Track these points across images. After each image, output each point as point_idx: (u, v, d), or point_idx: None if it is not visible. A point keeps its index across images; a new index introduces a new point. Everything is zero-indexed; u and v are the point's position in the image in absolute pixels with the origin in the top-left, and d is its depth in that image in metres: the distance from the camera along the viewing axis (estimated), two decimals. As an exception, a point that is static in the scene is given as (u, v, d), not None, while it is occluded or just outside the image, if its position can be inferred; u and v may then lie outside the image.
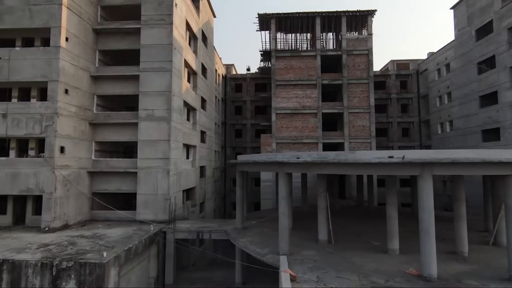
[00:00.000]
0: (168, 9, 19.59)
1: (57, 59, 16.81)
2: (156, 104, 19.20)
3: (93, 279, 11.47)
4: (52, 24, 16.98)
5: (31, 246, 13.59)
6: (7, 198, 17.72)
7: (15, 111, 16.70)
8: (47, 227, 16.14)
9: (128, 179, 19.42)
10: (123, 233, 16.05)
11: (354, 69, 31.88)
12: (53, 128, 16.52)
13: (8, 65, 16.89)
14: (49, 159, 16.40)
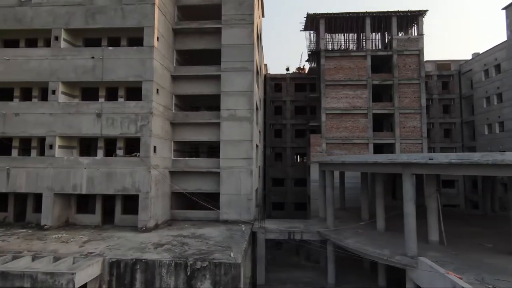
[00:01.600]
0: (249, 9, 19.58)
1: (151, 58, 16.82)
2: (238, 104, 19.19)
3: (228, 279, 11.45)
4: (145, 23, 16.98)
5: (146, 245, 13.58)
6: (95, 197, 17.74)
7: (109, 110, 16.72)
8: (144, 227, 16.14)
9: (208, 179, 19.41)
10: (220, 233, 16.03)
11: (404, 70, 31.72)
12: (148, 128, 16.53)
13: (101, 64, 16.91)
14: (145, 158, 16.41)
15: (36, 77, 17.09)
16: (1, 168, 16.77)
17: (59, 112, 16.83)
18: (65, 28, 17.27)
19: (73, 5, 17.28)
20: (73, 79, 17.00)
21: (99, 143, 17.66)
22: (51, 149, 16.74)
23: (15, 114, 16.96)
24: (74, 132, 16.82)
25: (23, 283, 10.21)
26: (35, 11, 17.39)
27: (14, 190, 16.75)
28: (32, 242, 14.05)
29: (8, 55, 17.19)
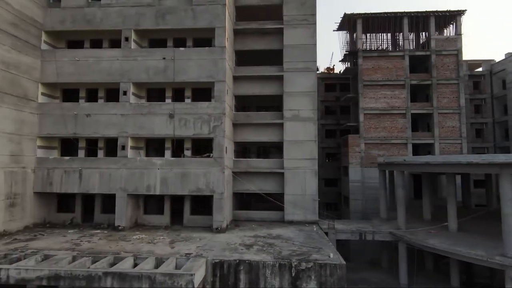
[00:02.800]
0: (311, 9, 19.58)
1: (223, 59, 16.83)
2: (302, 104, 19.19)
3: (334, 280, 11.45)
4: (217, 24, 16.99)
5: (235, 246, 13.58)
6: (163, 198, 17.75)
7: (181, 111, 16.73)
8: (219, 227, 16.15)
9: (270, 179, 19.40)
10: (295, 234, 16.02)
11: (443, 70, 31.66)
12: (221, 129, 16.53)
13: (172, 65, 16.92)
14: (218, 159, 16.41)
15: (107, 78, 17.10)
16: (73, 169, 16.79)
17: (131, 113, 16.84)
18: (135, 29, 17.27)
19: (142, 5, 17.30)
20: (144, 80, 17.01)
21: (167, 143, 17.68)
22: (123, 149, 16.76)
23: (87, 115, 16.98)
24: (147, 133, 16.83)
25: (141, 284, 10.22)
26: (104, 12, 17.41)
27: (87, 191, 16.78)
28: (118, 243, 14.06)
29: (78, 56, 17.21)
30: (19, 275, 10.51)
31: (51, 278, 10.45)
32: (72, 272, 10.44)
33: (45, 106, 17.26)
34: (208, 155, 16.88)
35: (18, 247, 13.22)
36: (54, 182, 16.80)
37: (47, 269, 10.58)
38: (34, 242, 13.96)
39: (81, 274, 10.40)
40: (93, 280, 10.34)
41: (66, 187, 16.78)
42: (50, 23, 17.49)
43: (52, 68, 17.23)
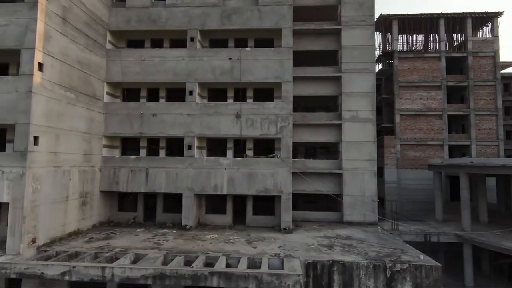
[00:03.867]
0: (370, 10, 19.57)
1: (289, 59, 16.88)
2: (360, 105, 19.17)
3: (430, 281, 11.45)
4: (283, 25, 17.03)
5: (315, 247, 13.60)
6: (225, 198, 17.79)
7: (248, 111, 16.76)
8: (287, 227, 16.18)
9: (326, 180, 19.38)
10: (364, 235, 16.00)
11: (479, 71, 31.59)
12: (289, 129, 16.57)
13: (238, 65, 16.95)
14: (286, 159, 16.43)
15: (173, 78, 17.16)
16: (140, 168, 16.86)
17: (197, 112, 16.89)
18: (201, 29, 17.33)
19: (208, 6, 17.35)
20: (211, 80, 17.05)
21: (229, 143, 17.72)
22: (190, 149, 16.81)
23: (153, 115, 17.04)
24: (213, 132, 16.88)
25: (248, 284, 10.26)
26: (169, 12, 17.47)
27: (153, 190, 16.83)
28: (196, 242, 14.11)
29: (144, 56, 17.28)
30: (123, 274, 10.57)
31: (157, 277, 10.51)
32: (177, 271, 10.49)
33: (111, 105, 17.34)
34: (275, 155, 16.89)
35: (101, 245, 13.29)
36: (120, 181, 16.88)
37: (152, 268, 10.64)
38: (113, 241, 14.03)
39: (187, 273, 10.45)
40: (199, 279, 10.39)
41: (132, 186, 16.85)
42: (115, 22, 17.57)
43: (117, 67, 17.31)
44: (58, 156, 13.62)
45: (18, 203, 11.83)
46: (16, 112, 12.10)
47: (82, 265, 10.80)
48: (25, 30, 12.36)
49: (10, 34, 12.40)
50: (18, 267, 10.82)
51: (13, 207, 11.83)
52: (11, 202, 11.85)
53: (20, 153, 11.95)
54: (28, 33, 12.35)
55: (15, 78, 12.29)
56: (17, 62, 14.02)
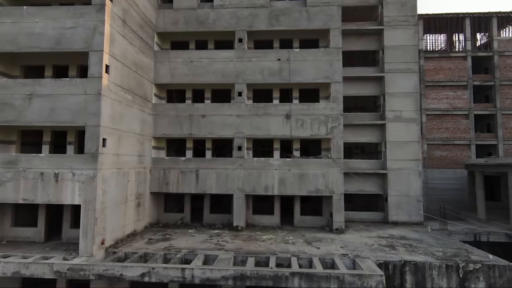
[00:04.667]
0: (412, 10, 19.59)
1: (339, 60, 16.90)
2: (404, 105, 19.20)
3: (503, 281, 11.47)
4: (332, 25, 17.06)
5: (377, 247, 13.63)
6: (273, 198, 17.82)
7: (298, 112, 16.79)
8: (339, 228, 16.21)
9: (370, 180, 19.41)
10: (417, 235, 16.05)
11: (505, 70, 31.60)
12: (339, 129, 16.60)
13: (288, 66, 16.99)
14: (337, 160, 16.47)
15: (222, 79, 17.20)
16: (190, 170, 16.90)
17: (247, 113, 16.93)
18: (249, 30, 17.36)
19: (256, 7, 17.39)
20: (259, 81, 17.09)
21: (275, 144, 17.74)
22: (239, 150, 16.84)
23: (202, 116, 17.08)
24: (263, 133, 16.91)
25: (329, 284, 10.29)
26: (217, 13, 17.50)
27: (204, 191, 16.88)
28: (255, 243, 14.15)
29: (192, 57, 17.32)
30: (203, 275, 10.61)
31: (237, 278, 10.55)
32: (258, 272, 10.53)
33: (160, 106, 17.40)
34: (325, 155, 16.90)
35: (165, 247, 13.34)
36: (170, 182, 16.93)
37: (232, 269, 10.67)
38: (173, 242, 14.07)
39: (267, 274, 10.48)
40: (280, 280, 10.42)
41: (182, 187, 16.90)
42: (162, 24, 17.62)
43: (165, 69, 17.36)
44: (120, 157, 13.68)
45: (90, 205, 11.88)
46: (85, 114, 12.15)
47: (162, 266, 10.84)
48: (93, 33, 12.41)
49: (78, 37, 12.45)
50: (97, 268, 10.86)
51: (84, 209, 11.88)
52: (82, 204, 11.91)
53: (91, 154, 12.01)
54: (96, 36, 12.40)
55: (83, 81, 12.33)
56: (76, 64, 14.21)
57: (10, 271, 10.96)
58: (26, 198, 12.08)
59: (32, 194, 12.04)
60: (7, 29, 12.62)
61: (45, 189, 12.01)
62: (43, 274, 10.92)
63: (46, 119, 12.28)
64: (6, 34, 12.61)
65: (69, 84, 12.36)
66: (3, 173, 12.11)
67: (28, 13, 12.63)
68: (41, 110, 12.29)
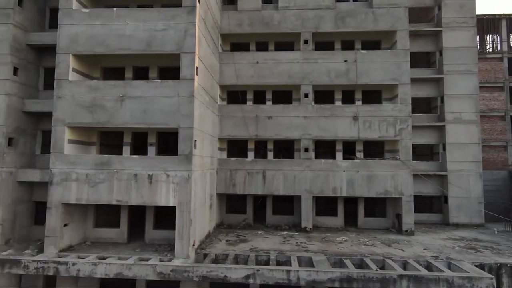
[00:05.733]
0: (471, 11, 19.60)
1: (406, 62, 16.87)
2: (463, 107, 19.22)
3: None
4: (399, 27, 17.04)
5: (461, 249, 13.63)
6: (337, 200, 17.83)
7: (365, 113, 16.80)
8: (408, 230, 16.19)
9: (428, 182, 19.38)
10: (488, 237, 16.06)
11: (542, 72, 31.54)
12: (408, 131, 16.59)
13: (354, 67, 17.00)
14: (406, 161, 16.47)
15: (287, 81, 17.23)
16: (256, 171, 16.93)
17: (314, 115, 16.95)
18: (314, 31, 17.38)
19: (321, 8, 17.40)
20: (326, 82, 17.11)
21: (338, 146, 17.74)
22: (306, 152, 16.87)
23: (268, 117, 17.11)
24: (330, 135, 16.93)
25: (438, 286, 10.30)
26: (282, 14, 17.53)
27: (271, 193, 16.91)
28: (334, 244, 14.16)
29: (257, 59, 17.35)
30: (309, 277, 10.64)
31: (344, 280, 10.56)
32: (365, 274, 10.54)
33: (225, 108, 17.43)
34: (393, 157, 16.90)
35: (250, 248, 13.37)
36: (237, 183, 16.96)
37: (338, 271, 10.69)
38: (254, 243, 14.10)
39: (375, 276, 10.49)
40: (387, 282, 10.43)
41: (249, 189, 16.93)
42: (227, 25, 17.65)
43: (230, 70, 17.39)
44: (203, 159, 13.73)
45: (185, 206, 11.91)
46: (179, 115, 12.18)
47: (267, 268, 10.88)
48: (184, 35, 12.45)
49: (169, 39, 12.48)
50: (201, 270, 10.90)
51: (179, 210, 11.92)
52: (177, 205, 11.94)
53: (185, 156, 12.04)
54: (187, 38, 12.43)
55: (175, 83, 12.36)
56: (157, 65, 14.25)
57: (112, 272, 11.01)
58: (120, 200, 12.12)
59: (126, 196, 12.08)
60: (97, 31, 12.67)
61: (139, 190, 12.05)
62: (146, 275, 10.97)
63: (139, 121, 12.32)
64: (96, 36, 12.66)
65: (161, 86, 12.40)
66: (96, 174, 12.16)
67: (118, 15, 12.68)
68: (133, 111, 12.33)
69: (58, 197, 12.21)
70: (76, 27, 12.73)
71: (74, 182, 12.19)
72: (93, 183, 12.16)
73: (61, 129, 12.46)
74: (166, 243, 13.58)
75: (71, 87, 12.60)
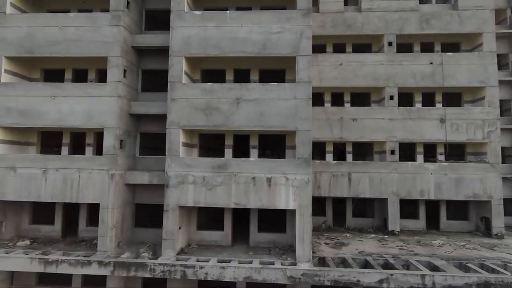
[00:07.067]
0: (545, 13, 19.47)
1: (493, 64, 16.80)
2: (542, 109, 19.11)
3: None
4: (485, 29, 16.95)
5: None
6: (418, 202, 17.74)
7: (452, 116, 16.72)
8: (498, 233, 16.10)
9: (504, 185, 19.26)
10: None
11: None
12: (496, 134, 16.50)
13: (440, 70, 16.92)
14: (495, 164, 16.38)
15: (372, 83, 17.16)
16: (342, 173, 16.88)
17: (399, 117, 16.88)
18: (398, 33, 17.31)
19: (405, 10, 17.32)
20: (411, 84, 17.03)
21: (418, 148, 17.64)
22: (392, 154, 16.80)
23: (353, 119, 17.06)
24: (416, 137, 16.85)
25: None
26: (365, 16, 17.46)
27: (357, 195, 16.86)
28: (435, 248, 14.10)
29: (341, 61, 17.30)
30: (445, 282, 10.57)
31: (481, 284, 10.48)
32: (503, 280, 10.47)
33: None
34: (481, 159, 16.82)
35: (358, 252, 13.31)
36: (322, 186, 16.90)
37: (475, 275, 10.62)
38: (354, 246, 14.05)
39: (513, 281, 10.42)
40: (527, 287, 10.35)
41: (335, 191, 16.87)
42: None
43: (313, 72, 17.27)
44: (307, 162, 13.67)
45: (305, 210, 11.91)
46: (296, 118, 12.17)
47: (401, 272, 10.83)
48: (300, 37, 12.42)
49: (284, 42, 12.46)
50: (332, 274, 10.86)
51: (300, 214, 11.91)
52: (298, 208, 11.93)
53: (304, 160, 12.02)
54: (303, 40, 12.42)
55: (292, 85, 12.35)
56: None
57: (241, 276, 10.99)
58: (238, 203, 12.10)
59: (245, 199, 12.06)
60: (210, 33, 12.66)
61: (257, 193, 12.03)
62: (276, 279, 10.94)
63: (257, 124, 12.30)
64: (209, 39, 12.64)
65: (278, 89, 12.37)
66: (213, 177, 12.15)
67: (231, 17, 12.66)
68: (249, 114, 12.31)
69: (175, 199, 12.22)
70: (189, 30, 12.73)
71: (191, 185, 12.19)
72: (210, 186, 12.15)
73: (176, 131, 12.46)
74: (272, 246, 13.57)
75: (185, 89, 12.60)
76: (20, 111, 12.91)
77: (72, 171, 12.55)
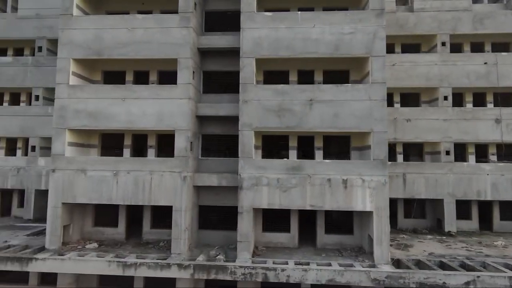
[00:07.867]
0: None
1: (549, 64, 16.72)
2: None
3: None
4: (534, 30, 16.89)
5: None
6: (470, 203, 17.66)
7: (508, 116, 16.65)
8: (552, 234, 16.04)
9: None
10: None
11: None
12: (552, 134, 16.43)
13: (495, 70, 16.84)
14: (552, 165, 16.30)
15: (426, 83, 17.09)
16: (397, 174, 16.80)
17: (454, 118, 16.81)
18: (452, 33, 17.24)
19: (458, 10, 17.25)
20: (465, 85, 16.97)
21: (470, 149, 17.56)
22: (447, 155, 16.72)
23: (407, 120, 16.98)
24: (470, 138, 16.78)
25: None
26: (417, 16, 17.39)
27: (412, 196, 16.78)
28: (501, 249, 14.03)
29: (394, 61, 17.21)
30: (535, 284, 10.48)
31: None
32: None
33: (362, 111, 17.30)
34: (532, 160, 16.75)
35: (428, 254, 13.24)
36: (376, 187, 16.81)
37: None
38: (420, 248, 13.97)
39: None
40: None
41: (389, 192, 16.75)
42: (361, 28, 17.51)
43: (366, 73, 17.24)
44: (375, 163, 13.60)
45: (382, 212, 11.84)
46: (371, 120, 12.13)
47: (488, 274, 10.75)
48: (373, 38, 12.35)
49: (357, 42, 12.40)
50: (417, 276, 10.77)
51: (377, 215, 11.84)
52: (375, 210, 11.86)
53: (381, 161, 11.96)
54: (377, 41, 12.34)
55: (366, 86, 12.29)
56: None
57: (324, 279, 10.90)
58: (314, 205, 12.04)
59: (320, 201, 12.00)
60: (281, 34, 12.60)
61: (333, 195, 11.96)
62: (359, 282, 10.86)
63: (330, 125, 12.24)
64: (281, 40, 12.58)
65: (352, 90, 12.32)
66: (288, 179, 12.09)
67: (303, 18, 12.60)
68: (323, 116, 12.25)
69: (249, 202, 12.16)
70: (259, 31, 12.66)
71: (265, 187, 12.13)
72: (285, 188, 12.09)
73: (248, 133, 12.41)
74: (340, 247, 13.51)
75: (257, 90, 12.54)
76: (89, 113, 12.86)
77: (143, 174, 12.50)
